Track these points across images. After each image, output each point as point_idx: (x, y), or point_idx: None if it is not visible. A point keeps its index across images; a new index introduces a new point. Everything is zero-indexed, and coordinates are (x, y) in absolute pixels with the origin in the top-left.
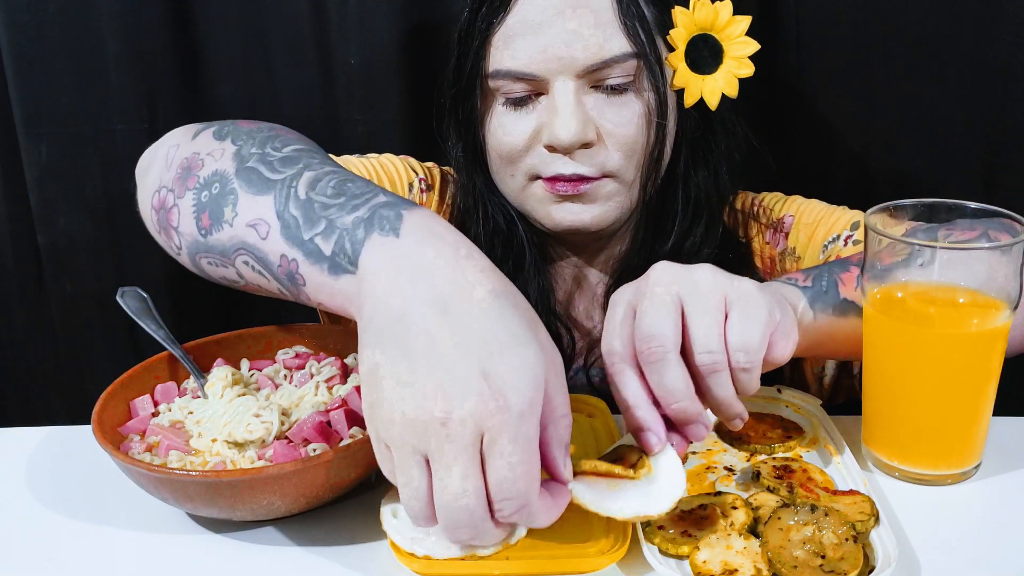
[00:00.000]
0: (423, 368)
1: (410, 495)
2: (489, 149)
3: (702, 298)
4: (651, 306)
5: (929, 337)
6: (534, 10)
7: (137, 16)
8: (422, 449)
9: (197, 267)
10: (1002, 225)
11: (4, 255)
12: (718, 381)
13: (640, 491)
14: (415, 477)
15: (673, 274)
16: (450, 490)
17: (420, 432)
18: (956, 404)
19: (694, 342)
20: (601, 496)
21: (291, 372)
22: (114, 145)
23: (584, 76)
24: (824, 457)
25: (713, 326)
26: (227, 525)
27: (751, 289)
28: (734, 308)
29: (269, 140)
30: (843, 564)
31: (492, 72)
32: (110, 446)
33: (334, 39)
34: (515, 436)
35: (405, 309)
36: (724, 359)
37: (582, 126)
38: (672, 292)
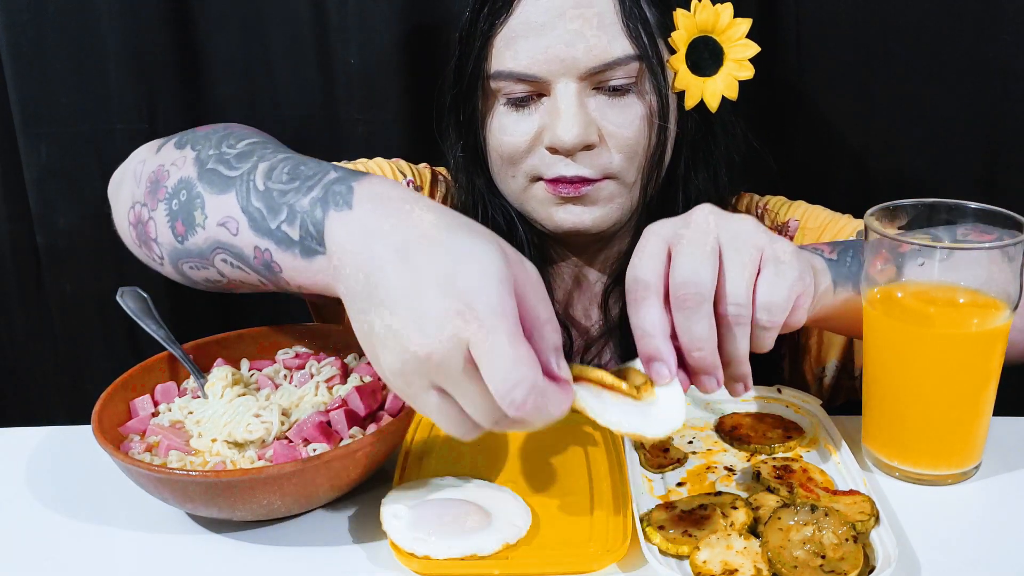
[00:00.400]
0: (401, 313)
1: (444, 422)
2: (490, 150)
3: (741, 250)
4: (693, 250)
5: (929, 337)
6: (536, 11)
7: (137, 16)
8: (428, 384)
9: (180, 273)
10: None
11: (4, 255)
12: (738, 334)
13: (640, 411)
14: (437, 406)
15: (717, 220)
16: (475, 406)
17: (417, 372)
18: (956, 404)
19: (725, 292)
20: (602, 405)
21: (291, 372)
22: (114, 145)
23: (586, 78)
24: (824, 457)
25: (747, 279)
26: (227, 525)
27: (788, 250)
28: (768, 265)
29: (224, 139)
30: (843, 564)
31: (494, 73)
32: (110, 446)
33: (334, 39)
34: (495, 331)
35: (372, 268)
36: (749, 314)
37: (584, 128)
38: (713, 238)
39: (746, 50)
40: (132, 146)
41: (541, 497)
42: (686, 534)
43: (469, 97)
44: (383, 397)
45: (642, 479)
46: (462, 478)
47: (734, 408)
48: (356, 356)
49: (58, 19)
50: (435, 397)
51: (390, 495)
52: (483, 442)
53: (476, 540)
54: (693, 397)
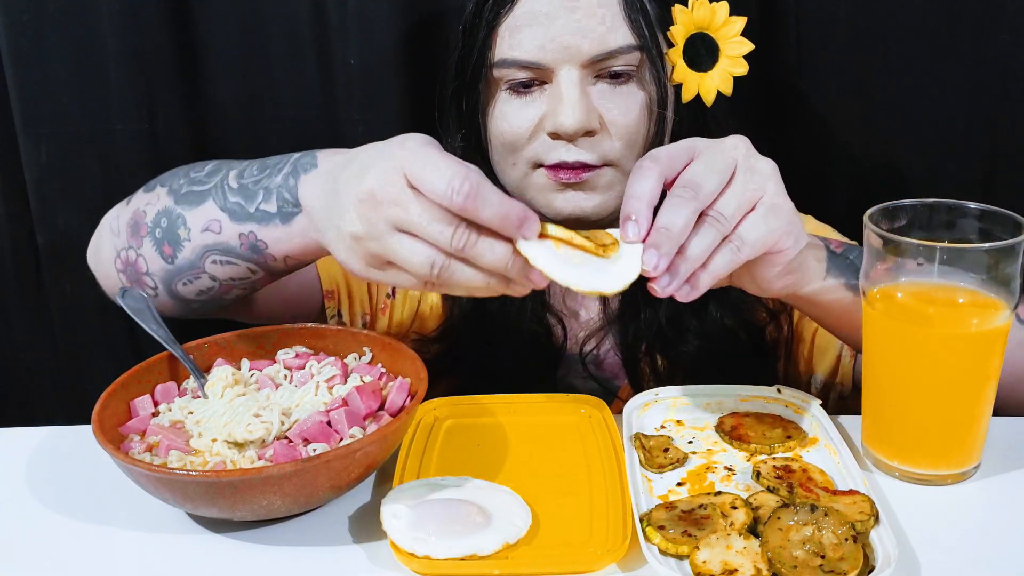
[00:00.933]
0: (351, 183)
1: (416, 258)
2: (491, 138)
3: (749, 182)
4: (711, 162)
5: (929, 337)
6: (541, 1)
7: (137, 16)
8: (389, 226)
9: (174, 296)
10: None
11: (4, 255)
12: (708, 236)
13: (599, 269)
14: (406, 246)
15: (745, 149)
16: (430, 226)
17: (372, 217)
18: (956, 404)
19: (717, 203)
20: (562, 263)
21: (291, 372)
22: (114, 145)
23: (588, 66)
24: (824, 457)
25: (741, 204)
26: (227, 525)
27: (789, 208)
28: (763, 206)
29: (190, 170)
30: (843, 564)
31: (498, 61)
32: (110, 446)
33: (334, 39)
34: (425, 151)
35: (337, 188)
36: (728, 228)
37: (586, 114)
38: (732, 159)
39: (741, 47)
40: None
41: (541, 497)
42: (686, 534)
43: (472, 87)
44: (383, 397)
45: (642, 479)
46: (462, 478)
47: (734, 408)
48: (356, 356)
49: (58, 19)
50: (399, 237)
51: (390, 495)
52: (483, 442)
53: (476, 540)
54: (693, 397)
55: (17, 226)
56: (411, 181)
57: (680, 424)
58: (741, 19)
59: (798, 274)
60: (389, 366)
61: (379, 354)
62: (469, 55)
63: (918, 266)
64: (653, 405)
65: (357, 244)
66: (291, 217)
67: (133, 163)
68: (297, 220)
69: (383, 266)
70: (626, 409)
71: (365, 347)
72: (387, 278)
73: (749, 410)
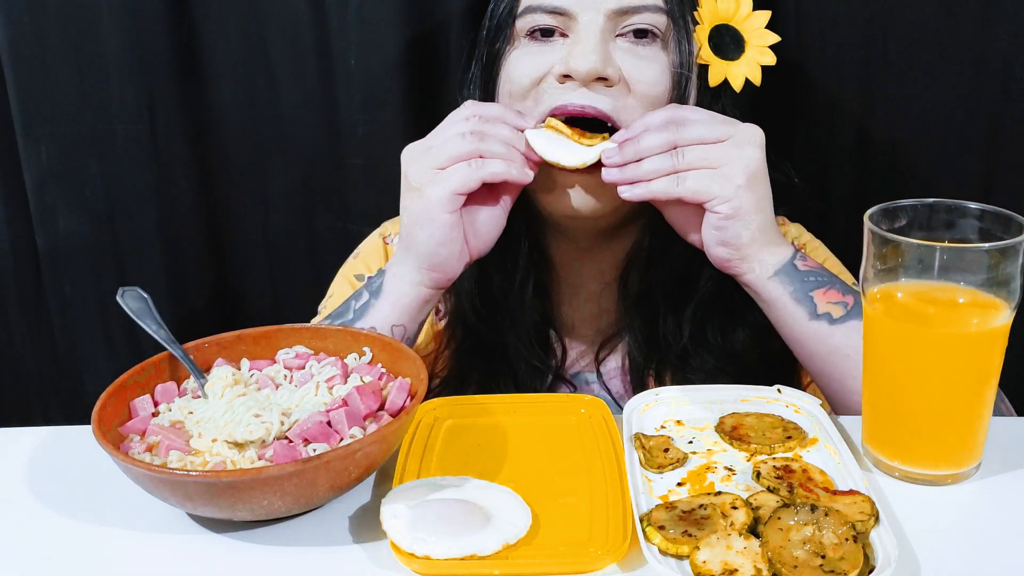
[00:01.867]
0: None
1: (455, 134)
2: (500, 89)
3: (726, 149)
4: (713, 119)
5: (929, 337)
6: None
7: (137, 16)
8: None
9: None
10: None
11: (4, 257)
12: (658, 163)
13: (574, 151)
14: (443, 141)
15: (747, 135)
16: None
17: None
18: (956, 404)
19: (690, 146)
20: (549, 143)
21: (291, 372)
22: (114, 145)
23: (612, 18)
24: (824, 457)
25: (703, 159)
26: (227, 525)
27: (744, 188)
28: (719, 169)
29: None
30: (843, 564)
31: (523, 9)
32: (110, 446)
33: (334, 40)
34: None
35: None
36: (679, 167)
37: (603, 59)
38: (729, 132)
39: (766, 37)
40: (132, 146)
41: (541, 497)
42: (686, 534)
43: (494, 41)
44: (383, 397)
45: (642, 479)
46: (462, 478)
47: (734, 408)
48: (356, 356)
49: (58, 19)
50: (436, 145)
51: (390, 495)
52: (483, 442)
53: (476, 540)
54: (694, 398)
55: (17, 228)
56: (436, 131)
57: (680, 424)
58: (766, 13)
59: (736, 253)
60: (389, 366)
61: (379, 354)
62: (496, 9)
63: (918, 266)
64: (653, 405)
65: (418, 172)
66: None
67: (133, 163)
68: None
69: (436, 176)
70: (626, 409)
71: (365, 347)
72: (442, 177)
73: (749, 410)
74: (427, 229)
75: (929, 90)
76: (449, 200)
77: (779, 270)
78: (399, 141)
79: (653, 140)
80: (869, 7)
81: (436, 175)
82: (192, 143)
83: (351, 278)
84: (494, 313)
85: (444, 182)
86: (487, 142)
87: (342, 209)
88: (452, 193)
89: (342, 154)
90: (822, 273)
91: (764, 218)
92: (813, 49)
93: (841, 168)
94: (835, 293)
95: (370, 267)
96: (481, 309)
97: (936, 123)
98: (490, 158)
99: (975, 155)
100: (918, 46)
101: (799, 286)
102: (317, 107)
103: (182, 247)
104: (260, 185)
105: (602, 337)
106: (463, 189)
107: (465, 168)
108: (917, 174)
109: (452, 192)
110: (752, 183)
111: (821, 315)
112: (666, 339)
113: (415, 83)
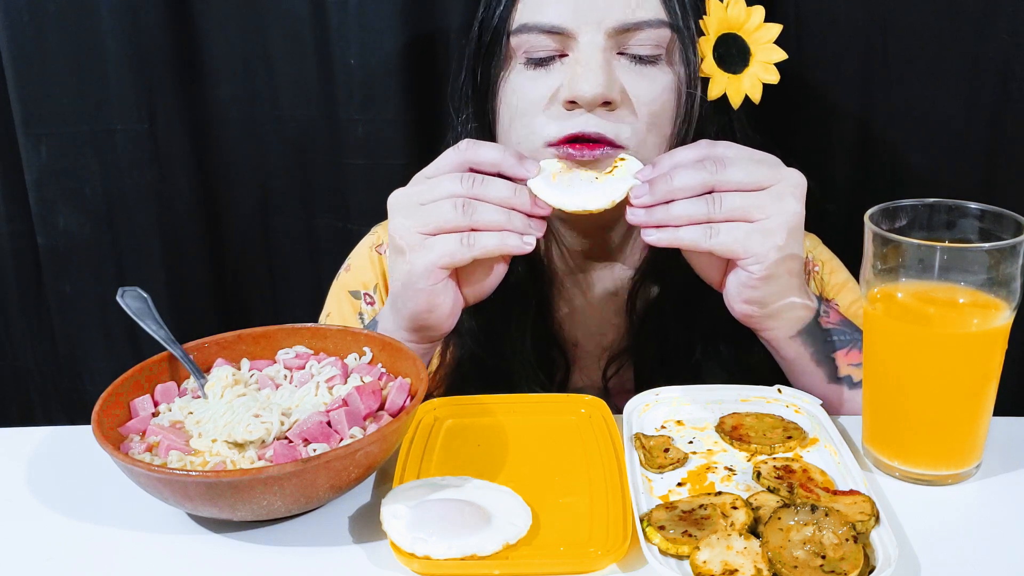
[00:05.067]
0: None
1: (446, 208)
2: (500, 116)
3: (768, 200)
4: (756, 164)
5: (929, 337)
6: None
7: (137, 16)
8: (417, 204)
9: None
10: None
11: (4, 256)
12: (691, 208)
13: (590, 188)
14: (434, 206)
15: (792, 183)
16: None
17: (402, 217)
18: (956, 404)
19: (729, 192)
20: (557, 189)
21: (291, 372)
22: (114, 145)
23: (613, 36)
24: (824, 457)
25: (743, 208)
26: (227, 525)
27: (782, 249)
28: (758, 225)
29: None
30: (843, 564)
31: (518, 28)
32: (110, 446)
33: (334, 39)
34: None
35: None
36: (714, 216)
37: (607, 80)
38: (774, 179)
39: (773, 54)
40: (132, 146)
41: (541, 497)
42: (686, 534)
43: (488, 58)
44: (383, 397)
45: (642, 479)
46: (462, 478)
47: (735, 408)
48: (356, 356)
49: (58, 19)
50: (428, 206)
51: (390, 495)
52: (483, 442)
53: (476, 540)
54: (694, 398)
55: (17, 227)
56: (427, 175)
57: (680, 424)
58: (776, 26)
59: (761, 311)
60: (389, 366)
61: (379, 354)
62: (488, 23)
63: (918, 266)
64: (653, 405)
65: (404, 233)
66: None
67: (133, 163)
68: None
69: (425, 243)
70: (626, 409)
71: (365, 347)
72: (430, 247)
73: (749, 410)
74: (412, 296)
75: (929, 90)
76: (434, 273)
77: (802, 329)
78: (399, 141)
79: (687, 180)
80: (869, 7)
81: (423, 241)
82: (192, 143)
83: (346, 294)
84: (493, 338)
85: (429, 253)
86: (480, 213)
87: (342, 209)
88: (437, 267)
89: (342, 154)
90: (845, 330)
91: (797, 278)
92: (813, 49)
93: (841, 168)
94: (857, 353)
95: (364, 282)
96: (480, 334)
97: (936, 123)
98: (484, 231)
99: (975, 155)
100: (918, 46)
101: (821, 347)
102: (317, 107)
103: (182, 247)
104: (260, 185)
105: (608, 354)
106: (450, 264)
107: (455, 243)
108: (917, 174)
109: (437, 266)
110: (791, 242)
111: (841, 378)
112: (677, 355)
113: (415, 83)
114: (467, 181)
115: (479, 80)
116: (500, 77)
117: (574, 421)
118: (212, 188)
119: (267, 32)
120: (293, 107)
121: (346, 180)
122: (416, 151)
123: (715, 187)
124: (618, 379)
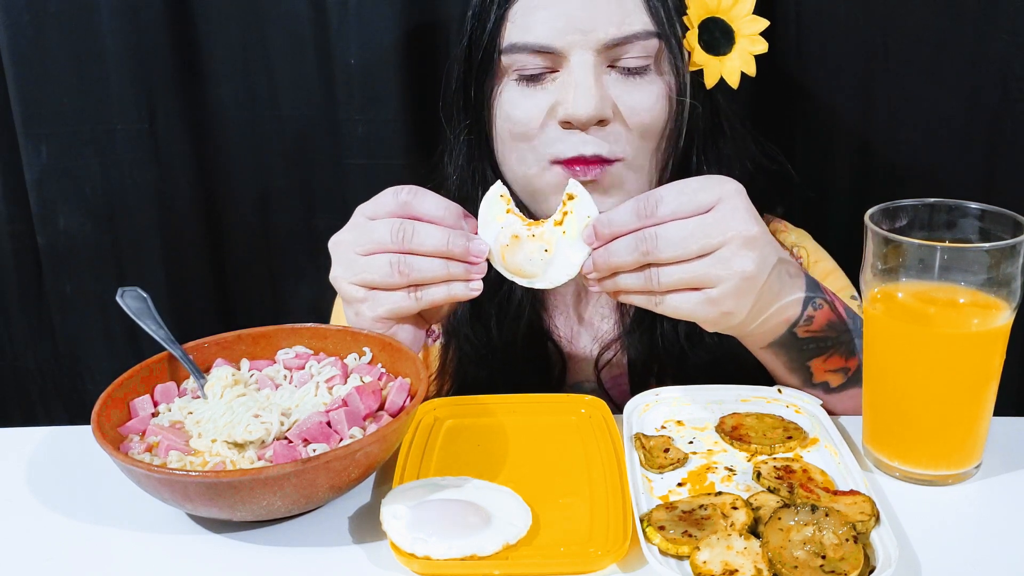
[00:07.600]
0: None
1: (380, 265)
2: (498, 130)
3: (712, 265)
4: (692, 191)
5: (929, 337)
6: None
7: (137, 16)
8: (353, 253)
9: None
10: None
11: (4, 255)
12: (635, 281)
13: (544, 262)
14: (368, 260)
15: (744, 209)
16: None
17: (341, 254)
18: (956, 404)
19: (666, 267)
20: (504, 264)
21: (291, 372)
22: (114, 145)
23: (603, 52)
24: (824, 457)
25: (683, 280)
26: (227, 525)
27: (734, 302)
28: (705, 295)
29: None
30: (843, 564)
31: (507, 47)
32: (110, 446)
33: (334, 39)
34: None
35: None
36: (655, 288)
37: (600, 101)
38: (707, 201)
39: (755, 24)
40: (132, 146)
41: (541, 497)
42: (686, 534)
43: (480, 75)
44: (383, 397)
45: (642, 479)
46: (462, 478)
47: (735, 408)
48: (356, 356)
49: (58, 19)
50: (364, 259)
51: (390, 495)
52: (483, 442)
53: (476, 540)
54: (694, 398)
55: (18, 227)
56: (366, 214)
57: (680, 424)
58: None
59: (730, 331)
60: (389, 366)
61: (379, 354)
62: (478, 41)
63: (919, 266)
64: (653, 405)
65: (345, 285)
66: None
67: (133, 163)
68: None
69: (370, 296)
70: (626, 409)
71: (365, 347)
72: (377, 301)
73: (749, 410)
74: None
75: (929, 90)
76: (384, 323)
77: (773, 342)
78: (399, 141)
79: (624, 257)
80: (869, 7)
81: (367, 294)
82: (192, 143)
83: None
84: (489, 342)
85: (377, 307)
86: (417, 270)
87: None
88: (385, 319)
89: (342, 154)
90: (826, 337)
91: (761, 308)
92: (813, 49)
93: (841, 168)
94: (837, 359)
95: None
96: (474, 338)
97: (936, 123)
98: (428, 286)
99: (975, 155)
100: (918, 46)
101: (795, 355)
102: (317, 107)
103: (182, 247)
104: (260, 185)
105: (600, 345)
106: (399, 315)
107: (402, 297)
108: (917, 174)
109: (385, 318)
110: (744, 295)
111: (817, 384)
112: (665, 341)
113: (415, 83)
114: (397, 233)
115: (472, 95)
116: (493, 92)
117: (574, 421)
118: (212, 188)
119: (267, 32)
120: (293, 107)
121: (346, 180)
122: (416, 151)
123: (651, 262)
124: (609, 370)
